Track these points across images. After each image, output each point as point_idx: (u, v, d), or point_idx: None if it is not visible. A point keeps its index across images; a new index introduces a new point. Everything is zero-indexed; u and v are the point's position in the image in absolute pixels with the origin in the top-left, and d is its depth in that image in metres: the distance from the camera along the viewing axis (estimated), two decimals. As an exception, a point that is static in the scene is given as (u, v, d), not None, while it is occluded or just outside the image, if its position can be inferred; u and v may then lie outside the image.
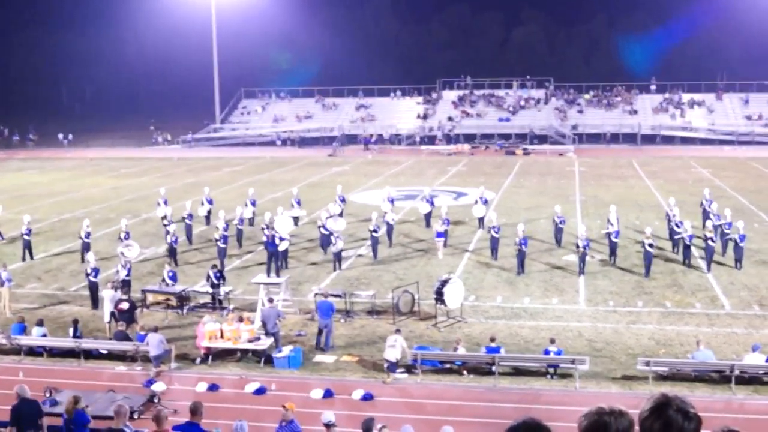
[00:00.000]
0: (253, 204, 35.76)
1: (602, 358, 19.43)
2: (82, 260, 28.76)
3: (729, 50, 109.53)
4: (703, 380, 18.11)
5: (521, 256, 27.41)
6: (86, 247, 29.20)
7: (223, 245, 28.46)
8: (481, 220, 34.81)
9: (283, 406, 13.73)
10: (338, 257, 28.29)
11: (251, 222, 35.50)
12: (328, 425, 13.18)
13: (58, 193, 49.15)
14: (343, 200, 36.81)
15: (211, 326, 20.02)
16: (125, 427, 10.85)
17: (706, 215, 32.75)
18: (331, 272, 27.97)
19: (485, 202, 35.55)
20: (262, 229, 29.83)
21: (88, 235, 29.70)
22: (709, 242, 25.26)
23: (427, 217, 35.54)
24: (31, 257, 30.56)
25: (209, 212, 36.63)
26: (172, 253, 29.32)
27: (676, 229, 29.70)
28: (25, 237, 30.36)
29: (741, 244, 27.70)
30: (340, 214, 33.96)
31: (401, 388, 18.18)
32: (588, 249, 26.84)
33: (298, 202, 36.44)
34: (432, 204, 36.04)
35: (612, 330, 21.64)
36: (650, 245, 25.85)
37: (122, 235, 28.88)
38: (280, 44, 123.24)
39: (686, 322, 22.21)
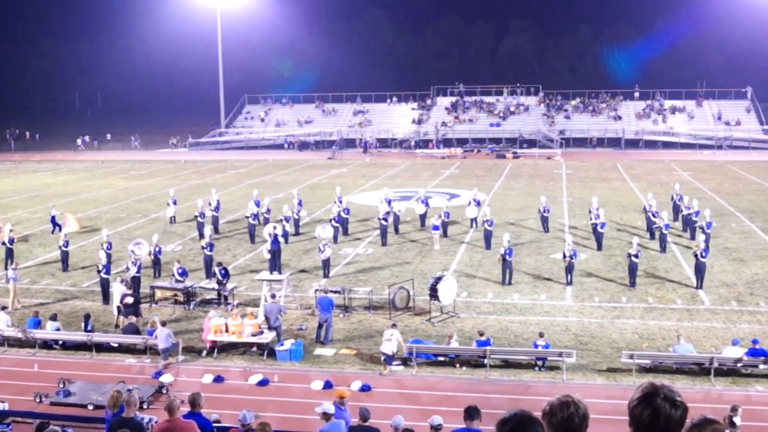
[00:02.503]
0: (257, 204, 35.73)
1: (588, 352, 19.45)
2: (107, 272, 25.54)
3: (708, 60, 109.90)
4: (683, 372, 18.13)
5: (507, 266, 25.64)
6: (108, 258, 26.46)
7: (209, 252, 27.22)
8: (473, 220, 34.84)
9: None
10: (326, 264, 26.99)
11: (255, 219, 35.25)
12: (327, 415, 13.16)
13: (70, 193, 49.08)
14: (341, 202, 36.67)
15: (216, 321, 20.00)
16: (135, 416, 10.80)
17: (677, 208, 35.22)
18: (341, 265, 27.92)
19: (478, 204, 35.55)
20: (278, 222, 29.71)
21: (110, 246, 27.39)
22: (700, 258, 24.85)
23: (422, 217, 35.50)
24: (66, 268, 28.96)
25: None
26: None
27: (652, 218, 31.90)
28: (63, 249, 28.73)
29: (707, 231, 28.73)
30: (343, 212, 34.15)
31: (397, 380, 18.17)
32: (575, 258, 25.75)
33: (299, 203, 36.33)
34: (427, 205, 36.00)
35: (597, 324, 21.66)
36: (635, 256, 25.10)
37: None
38: (282, 53, 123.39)
39: (668, 317, 22.22)
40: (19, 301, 24.19)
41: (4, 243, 29.07)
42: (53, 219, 35.47)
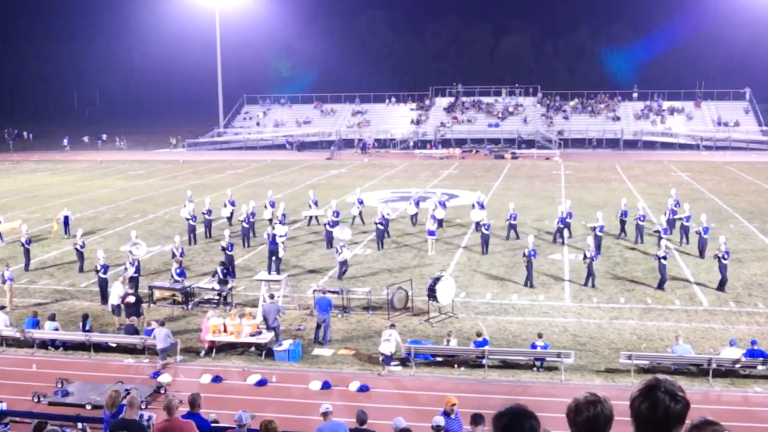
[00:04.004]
0: (272, 205, 35.73)
1: (586, 352, 19.46)
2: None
3: (707, 61, 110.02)
4: (682, 373, 18.12)
5: (530, 268, 25.54)
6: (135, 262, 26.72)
7: (230, 252, 27.16)
8: (478, 224, 34.49)
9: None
10: (343, 266, 26.84)
11: (270, 222, 34.87)
12: (325, 414, 13.19)
13: (68, 193, 49.01)
14: (361, 202, 36.60)
15: (214, 321, 20.00)
16: (137, 416, 10.79)
17: (673, 214, 34.48)
18: (334, 269, 27.86)
19: (482, 206, 35.28)
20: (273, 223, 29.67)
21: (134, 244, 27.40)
22: (722, 260, 24.75)
23: (440, 221, 34.68)
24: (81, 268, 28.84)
25: (232, 213, 36.53)
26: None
27: (640, 222, 31.75)
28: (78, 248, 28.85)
29: (705, 236, 28.56)
30: (360, 215, 35.08)
31: (395, 380, 18.17)
32: (595, 259, 25.63)
33: (315, 203, 36.42)
34: (444, 207, 35.75)
35: (596, 325, 21.67)
36: (664, 257, 24.87)
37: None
38: (280, 53, 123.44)
39: (666, 317, 22.24)
40: (12, 302, 24.12)
41: (22, 244, 29.16)
42: (66, 219, 35.33)
